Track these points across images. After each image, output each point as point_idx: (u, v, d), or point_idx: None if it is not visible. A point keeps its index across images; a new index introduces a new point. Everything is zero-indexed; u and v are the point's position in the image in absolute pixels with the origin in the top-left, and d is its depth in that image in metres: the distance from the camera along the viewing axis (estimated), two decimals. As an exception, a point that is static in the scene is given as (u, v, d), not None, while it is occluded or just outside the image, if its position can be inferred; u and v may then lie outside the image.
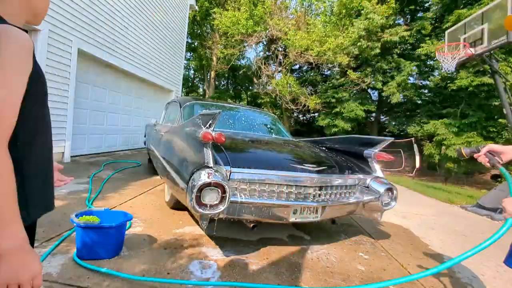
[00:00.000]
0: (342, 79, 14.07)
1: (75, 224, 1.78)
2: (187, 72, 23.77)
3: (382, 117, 16.85)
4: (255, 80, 15.54)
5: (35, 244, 1.88)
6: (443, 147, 10.89)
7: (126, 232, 2.10)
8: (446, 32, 5.88)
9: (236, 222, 2.75)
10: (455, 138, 10.43)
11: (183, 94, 16.82)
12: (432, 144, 11.53)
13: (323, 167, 2.39)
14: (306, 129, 19.91)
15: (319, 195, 2.26)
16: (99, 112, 6.26)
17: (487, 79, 9.41)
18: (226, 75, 22.59)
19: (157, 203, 3.19)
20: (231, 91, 23.52)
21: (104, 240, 1.83)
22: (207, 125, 1.96)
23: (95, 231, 1.81)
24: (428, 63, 13.62)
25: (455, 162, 11.09)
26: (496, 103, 9.77)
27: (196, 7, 11.75)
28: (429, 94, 13.70)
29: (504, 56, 9.49)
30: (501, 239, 1.04)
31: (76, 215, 1.85)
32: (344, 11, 13.89)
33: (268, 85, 14.68)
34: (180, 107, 3.63)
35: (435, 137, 11.05)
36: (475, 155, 1.40)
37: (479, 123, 10.39)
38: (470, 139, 10.10)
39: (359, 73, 14.03)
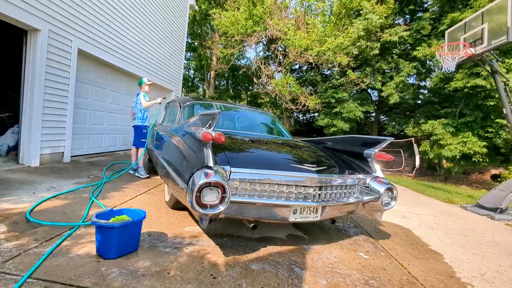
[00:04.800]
0: (342, 79, 14.08)
1: (114, 226, 1.83)
2: (187, 72, 23.76)
3: (382, 117, 16.86)
4: (255, 80, 15.54)
5: (35, 244, 1.88)
6: (440, 147, 10.95)
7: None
8: (446, 32, 5.88)
9: (236, 222, 2.76)
10: (451, 138, 10.51)
11: (183, 94, 16.82)
12: (429, 143, 11.60)
13: (323, 167, 2.39)
14: (306, 129, 19.93)
15: (319, 195, 2.26)
16: (99, 112, 6.26)
17: (480, 81, 9.51)
18: (226, 75, 22.58)
19: (157, 203, 3.19)
20: (231, 91, 23.52)
21: (137, 234, 2.04)
22: (207, 125, 1.96)
23: (132, 227, 1.95)
24: (427, 63, 13.65)
25: (452, 161, 11.15)
26: (492, 103, 9.83)
27: (196, 7, 11.76)
28: (428, 94, 13.74)
29: (497, 57, 9.60)
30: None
31: (97, 217, 1.90)
32: (343, 11, 13.90)
33: (268, 85, 14.68)
34: (180, 107, 3.63)
35: (432, 136, 11.12)
36: None
37: (475, 123, 10.45)
38: (465, 139, 10.16)
39: (358, 73, 14.03)
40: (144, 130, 4.44)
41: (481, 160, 10.17)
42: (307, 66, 16.05)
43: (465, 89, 10.12)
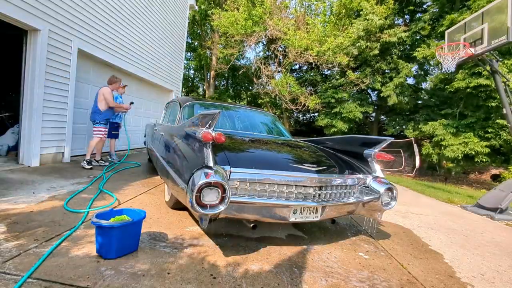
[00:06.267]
0: (342, 79, 14.09)
1: (114, 226, 1.83)
2: (187, 72, 23.76)
3: (382, 117, 16.87)
4: (255, 80, 15.54)
5: (35, 244, 1.88)
6: (442, 148, 10.94)
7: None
8: (446, 32, 5.89)
9: (236, 222, 2.76)
10: (453, 138, 10.49)
11: (183, 94, 16.82)
12: (431, 144, 11.60)
13: (323, 167, 2.39)
14: (306, 129, 19.95)
15: (319, 195, 2.26)
16: (99, 112, 6.25)
17: (483, 81, 9.49)
18: (226, 75, 22.58)
19: (157, 203, 3.19)
20: (231, 91, 23.51)
21: (137, 234, 2.04)
22: (207, 125, 1.96)
23: (132, 227, 1.95)
24: (426, 64, 13.65)
25: (453, 162, 11.15)
26: (493, 104, 9.82)
27: (196, 7, 11.76)
28: (428, 95, 13.74)
29: (497, 57, 9.66)
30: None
31: (97, 217, 1.90)
32: (343, 11, 13.91)
33: (268, 85, 14.69)
34: (180, 107, 3.63)
35: (434, 137, 11.12)
36: None
37: (476, 124, 10.44)
38: (467, 139, 10.15)
39: (358, 73, 14.04)
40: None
41: (484, 160, 10.15)
42: (307, 66, 16.06)
43: (467, 89, 10.10)
